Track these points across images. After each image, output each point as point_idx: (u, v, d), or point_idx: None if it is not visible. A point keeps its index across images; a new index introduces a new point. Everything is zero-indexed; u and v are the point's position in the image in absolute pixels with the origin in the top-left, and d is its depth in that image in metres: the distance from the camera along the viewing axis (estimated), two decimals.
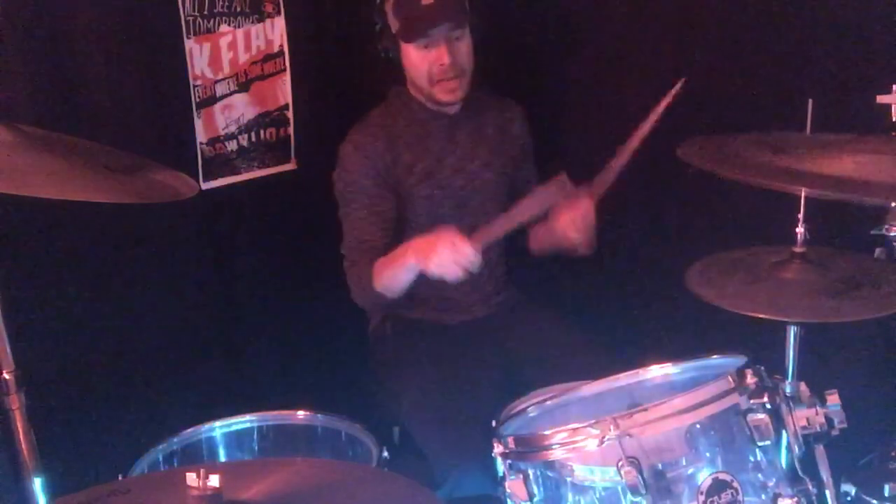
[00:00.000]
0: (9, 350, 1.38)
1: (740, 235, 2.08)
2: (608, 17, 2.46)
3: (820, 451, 1.54)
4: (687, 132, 1.67)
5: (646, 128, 1.92)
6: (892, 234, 1.73)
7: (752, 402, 1.45)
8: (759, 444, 1.44)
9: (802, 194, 1.60)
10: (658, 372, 1.73)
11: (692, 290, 1.64)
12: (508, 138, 2.33)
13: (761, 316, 1.55)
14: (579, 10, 2.50)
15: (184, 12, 2.17)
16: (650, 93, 2.40)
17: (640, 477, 1.36)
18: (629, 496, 1.38)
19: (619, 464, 1.37)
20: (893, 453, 2.00)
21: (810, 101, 1.62)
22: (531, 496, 1.49)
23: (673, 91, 1.89)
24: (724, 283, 1.66)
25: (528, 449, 1.50)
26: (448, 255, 1.91)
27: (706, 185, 1.55)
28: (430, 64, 2.13)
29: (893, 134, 1.55)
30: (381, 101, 2.31)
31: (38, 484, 1.40)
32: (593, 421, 1.42)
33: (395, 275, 2.07)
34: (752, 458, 1.46)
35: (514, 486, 1.50)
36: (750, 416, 1.44)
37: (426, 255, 1.94)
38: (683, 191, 2.20)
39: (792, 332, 1.70)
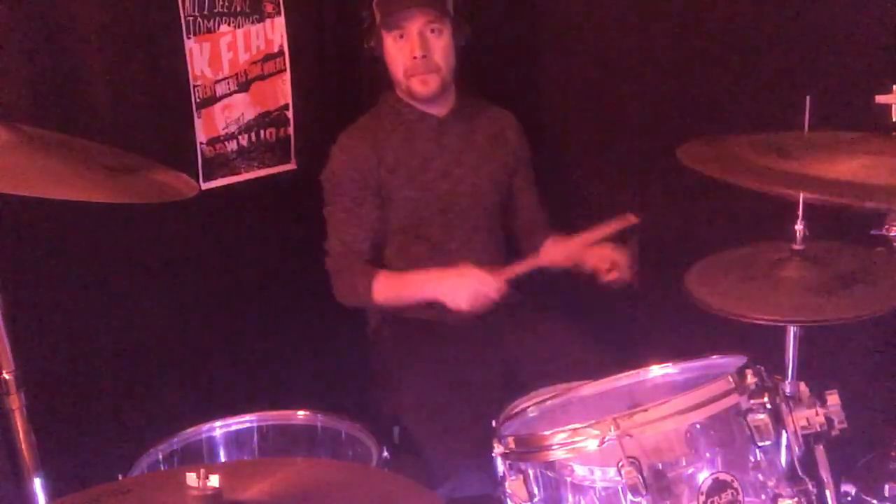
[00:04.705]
0: (9, 350, 1.38)
1: (740, 233, 2.08)
2: (604, 20, 2.46)
3: (820, 451, 1.54)
4: (685, 131, 1.67)
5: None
6: (892, 234, 1.72)
7: (752, 402, 1.45)
8: (759, 444, 1.43)
9: (801, 196, 1.60)
10: (658, 372, 1.73)
11: (691, 294, 1.64)
12: (500, 145, 2.34)
13: (759, 316, 1.55)
14: (575, 14, 2.50)
15: (184, 12, 2.17)
16: (648, 96, 2.40)
17: (640, 477, 1.36)
18: (629, 496, 1.37)
19: (620, 464, 1.37)
20: (893, 453, 2.00)
21: (808, 97, 1.62)
22: (531, 496, 1.49)
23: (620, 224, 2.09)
24: (722, 285, 1.66)
25: (528, 449, 1.50)
26: (470, 296, 2.06)
27: (705, 182, 1.54)
28: (405, 56, 2.16)
29: (894, 134, 1.55)
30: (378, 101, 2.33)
31: (38, 484, 1.40)
32: (593, 421, 1.41)
33: (403, 298, 2.18)
34: (752, 459, 1.46)
35: (514, 486, 1.49)
36: (750, 417, 1.44)
37: (446, 293, 2.08)
38: (683, 189, 2.20)
39: (791, 331, 1.70)
